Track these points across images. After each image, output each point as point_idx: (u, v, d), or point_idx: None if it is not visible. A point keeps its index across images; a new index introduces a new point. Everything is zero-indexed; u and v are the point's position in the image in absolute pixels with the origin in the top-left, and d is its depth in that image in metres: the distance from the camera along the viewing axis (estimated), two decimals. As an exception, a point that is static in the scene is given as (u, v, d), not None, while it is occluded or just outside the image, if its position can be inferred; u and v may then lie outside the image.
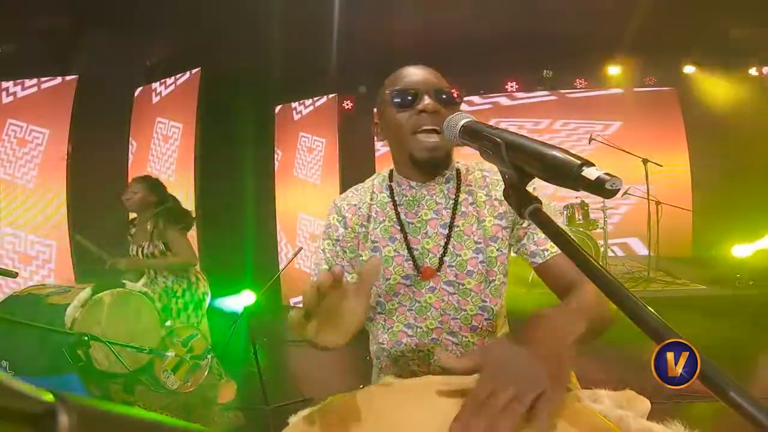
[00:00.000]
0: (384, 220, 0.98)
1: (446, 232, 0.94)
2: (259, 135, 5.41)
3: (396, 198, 0.99)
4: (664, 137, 5.65)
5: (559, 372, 0.58)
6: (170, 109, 4.71)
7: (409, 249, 0.95)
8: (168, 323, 2.53)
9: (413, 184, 0.97)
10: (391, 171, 1.03)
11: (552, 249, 0.90)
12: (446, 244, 0.94)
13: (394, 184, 1.00)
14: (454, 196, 0.96)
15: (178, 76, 4.69)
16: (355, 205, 1.01)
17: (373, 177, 1.06)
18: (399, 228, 0.97)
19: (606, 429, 0.57)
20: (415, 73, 0.92)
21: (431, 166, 0.94)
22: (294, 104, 5.44)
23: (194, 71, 4.59)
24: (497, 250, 0.94)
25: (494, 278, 0.95)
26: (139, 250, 2.50)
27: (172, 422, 0.32)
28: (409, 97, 0.89)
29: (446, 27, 4.43)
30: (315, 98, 5.37)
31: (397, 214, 0.97)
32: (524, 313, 0.70)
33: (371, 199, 1.01)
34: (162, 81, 4.78)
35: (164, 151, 4.68)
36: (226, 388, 2.73)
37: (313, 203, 5.20)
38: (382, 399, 0.71)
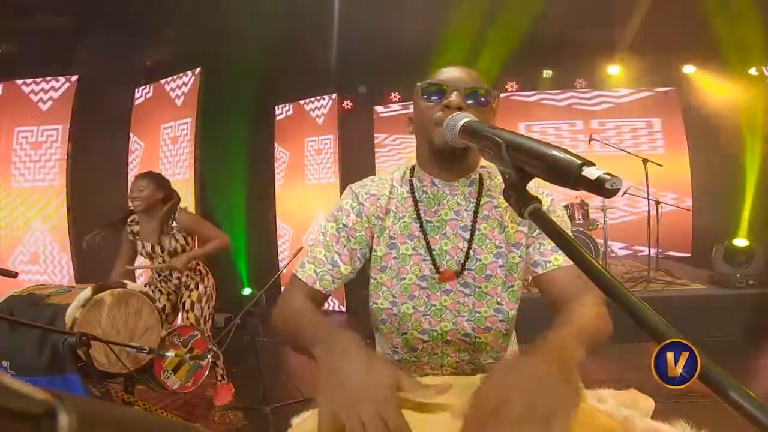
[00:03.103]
0: (404, 216, 0.95)
1: (467, 235, 0.92)
2: (259, 134, 5.42)
3: (416, 194, 0.96)
4: (664, 137, 5.66)
5: (568, 390, 0.54)
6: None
7: (429, 249, 0.92)
8: (179, 322, 2.53)
9: (436, 181, 0.94)
10: (413, 167, 1.00)
11: (555, 261, 0.89)
12: (469, 247, 0.92)
13: (415, 179, 0.97)
14: (475, 200, 0.94)
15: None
16: (374, 194, 0.97)
17: (392, 171, 1.02)
18: (418, 225, 0.93)
19: (612, 429, 0.57)
20: (450, 71, 0.91)
21: (451, 159, 0.91)
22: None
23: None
24: (519, 256, 0.93)
25: (513, 283, 0.93)
26: (155, 247, 2.49)
27: (172, 422, 0.32)
28: (439, 92, 0.88)
29: (446, 27, 4.43)
30: (283, 106, 5.48)
31: (417, 210, 0.94)
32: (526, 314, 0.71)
33: (390, 193, 0.97)
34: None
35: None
36: (223, 389, 2.73)
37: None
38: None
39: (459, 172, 0.94)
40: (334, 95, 5.18)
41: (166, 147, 4.60)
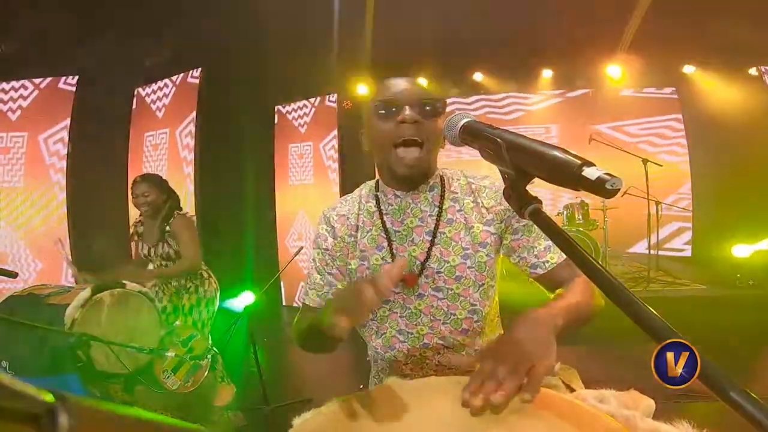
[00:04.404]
0: (371, 229, 1.00)
1: (431, 238, 0.96)
2: (259, 135, 5.41)
3: (382, 207, 1.01)
4: (663, 137, 5.66)
5: (545, 351, 0.68)
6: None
7: (393, 257, 0.97)
8: (177, 323, 2.53)
9: (398, 193, 0.99)
10: (378, 181, 1.04)
11: (552, 260, 0.93)
12: (429, 250, 0.95)
13: (380, 193, 1.02)
14: (438, 204, 0.97)
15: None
16: (343, 215, 1.03)
17: (361, 187, 1.08)
18: (385, 236, 0.98)
19: (613, 429, 0.57)
20: (397, 84, 0.92)
21: (411, 180, 0.96)
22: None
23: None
24: (486, 255, 0.96)
25: (483, 282, 0.96)
26: (151, 249, 2.50)
27: (172, 422, 0.32)
28: (392, 108, 0.90)
29: (446, 27, 4.43)
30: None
31: (383, 222, 0.99)
32: (520, 309, 0.74)
33: (359, 209, 1.03)
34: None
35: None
36: (225, 390, 2.73)
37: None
38: (387, 399, 0.71)
39: (418, 180, 0.97)
40: (331, 98, 5.19)
41: (149, 153, 4.77)
